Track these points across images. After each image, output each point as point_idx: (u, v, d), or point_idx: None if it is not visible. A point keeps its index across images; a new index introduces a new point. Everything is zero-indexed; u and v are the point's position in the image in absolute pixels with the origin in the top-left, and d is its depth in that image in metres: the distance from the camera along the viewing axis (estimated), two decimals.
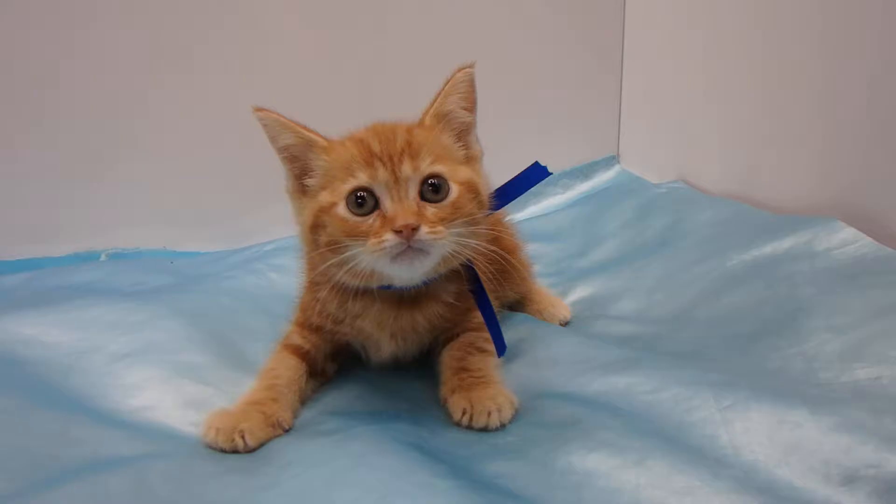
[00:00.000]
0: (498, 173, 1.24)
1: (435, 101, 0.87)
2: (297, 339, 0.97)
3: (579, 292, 1.27)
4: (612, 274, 1.29)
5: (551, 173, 0.98)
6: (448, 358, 0.92)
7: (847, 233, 1.11)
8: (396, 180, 0.79)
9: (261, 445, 0.82)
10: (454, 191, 0.82)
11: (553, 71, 1.85)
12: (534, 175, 0.98)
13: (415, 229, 0.76)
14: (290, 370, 0.93)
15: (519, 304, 1.17)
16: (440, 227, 0.78)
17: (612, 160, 1.91)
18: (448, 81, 0.87)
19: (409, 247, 0.77)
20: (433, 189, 0.81)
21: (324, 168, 0.84)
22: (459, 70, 0.87)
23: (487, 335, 0.94)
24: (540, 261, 1.42)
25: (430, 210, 0.80)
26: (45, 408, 0.88)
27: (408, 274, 0.82)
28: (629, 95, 1.87)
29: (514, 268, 1.08)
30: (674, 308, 1.14)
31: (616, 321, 1.14)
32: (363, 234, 0.78)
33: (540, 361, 0.97)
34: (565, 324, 1.14)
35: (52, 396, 0.93)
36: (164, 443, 0.84)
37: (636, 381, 0.87)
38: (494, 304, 1.05)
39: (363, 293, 0.89)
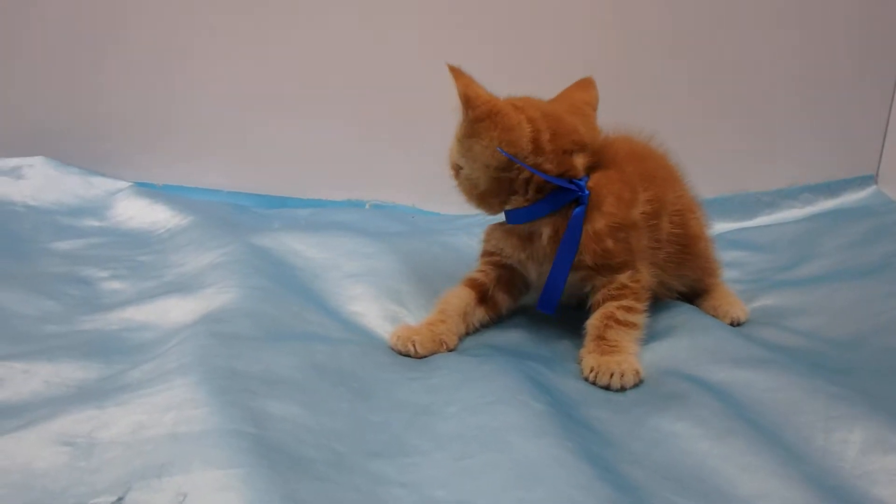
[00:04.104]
0: (745, 180, 1.14)
1: None
2: (473, 274, 1.06)
3: (763, 301, 1.23)
4: (804, 290, 1.24)
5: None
6: (591, 327, 0.96)
7: None
8: None
9: (429, 355, 0.96)
10: None
11: (814, 73, 1.69)
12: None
13: None
14: (458, 298, 1.03)
15: (697, 298, 1.17)
16: None
17: (868, 180, 1.72)
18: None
19: None
20: None
21: None
22: None
23: (631, 305, 0.96)
24: (742, 269, 1.40)
25: None
26: (294, 296, 1.09)
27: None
28: None
29: (695, 255, 1.11)
30: (852, 332, 1.08)
31: (785, 332, 1.10)
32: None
33: (681, 346, 1.00)
34: (737, 325, 1.11)
35: (300, 290, 1.13)
36: (363, 337, 1.02)
37: (760, 378, 0.88)
38: (672, 282, 1.10)
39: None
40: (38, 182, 1.61)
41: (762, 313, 1.18)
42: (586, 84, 1.07)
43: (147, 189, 1.68)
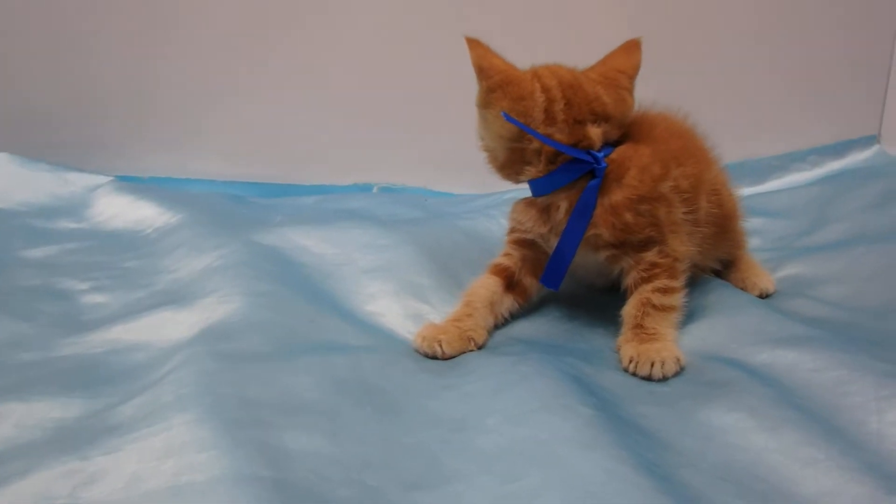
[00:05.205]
0: (748, 145, 1.22)
1: None
2: (498, 260, 1.05)
3: (788, 270, 1.23)
4: (829, 257, 1.23)
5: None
6: (627, 315, 0.95)
7: None
8: None
9: (457, 354, 0.94)
10: None
11: (815, 38, 1.74)
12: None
13: None
14: (484, 288, 1.02)
15: (724, 271, 1.17)
16: None
17: (871, 140, 1.77)
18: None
19: None
20: None
21: None
22: None
23: (666, 285, 0.95)
24: (762, 236, 1.40)
25: None
26: (305, 299, 1.04)
27: None
28: None
29: (730, 232, 1.12)
30: (883, 300, 1.08)
31: (816, 303, 1.10)
32: None
33: (718, 326, 0.98)
34: (766, 296, 1.12)
35: (311, 292, 1.08)
36: (384, 342, 0.98)
37: (803, 358, 0.87)
38: (707, 262, 1.10)
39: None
40: (3, 181, 1.51)
41: (789, 283, 1.19)
42: (630, 48, 1.03)
43: (131, 183, 1.60)
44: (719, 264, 1.16)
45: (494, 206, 1.51)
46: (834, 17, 1.72)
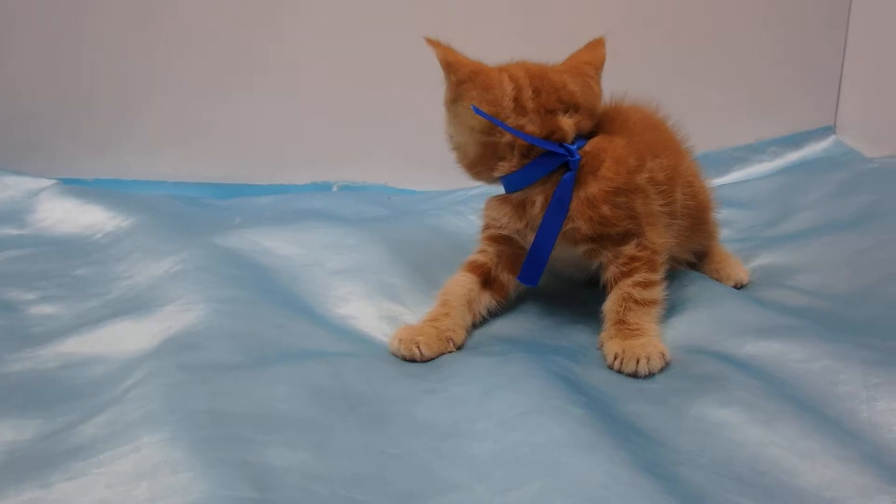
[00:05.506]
0: (707, 138, 1.26)
1: None
2: (473, 257, 1.04)
3: (760, 260, 1.24)
4: (798, 246, 1.25)
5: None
6: (609, 311, 0.95)
7: None
8: None
9: (436, 356, 0.92)
10: None
11: (770, 31, 1.76)
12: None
13: None
14: (461, 286, 1.00)
15: (697, 263, 1.17)
16: None
17: (827, 131, 1.80)
18: None
19: None
20: None
21: None
22: None
23: (646, 279, 0.95)
24: (729, 226, 1.41)
25: None
26: (273, 305, 1.00)
27: None
28: (853, 62, 1.75)
29: (704, 223, 1.13)
30: (856, 286, 1.10)
31: (791, 292, 1.11)
32: None
33: (700, 319, 0.98)
34: (741, 287, 1.13)
35: (280, 296, 1.05)
36: (360, 346, 0.95)
37: (789, 348, 0.87)
38: (682, 254, 1.11)
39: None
40: None
41: (762, 273, 1.20)
42: (594, 44, 1.06)
43: (75, 186, 1.53)
44: (694, 256, 1.16)
45: (461, 202, 1.50)
46: (787, 10, 1.75)
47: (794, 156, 1.77)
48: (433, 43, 0.96)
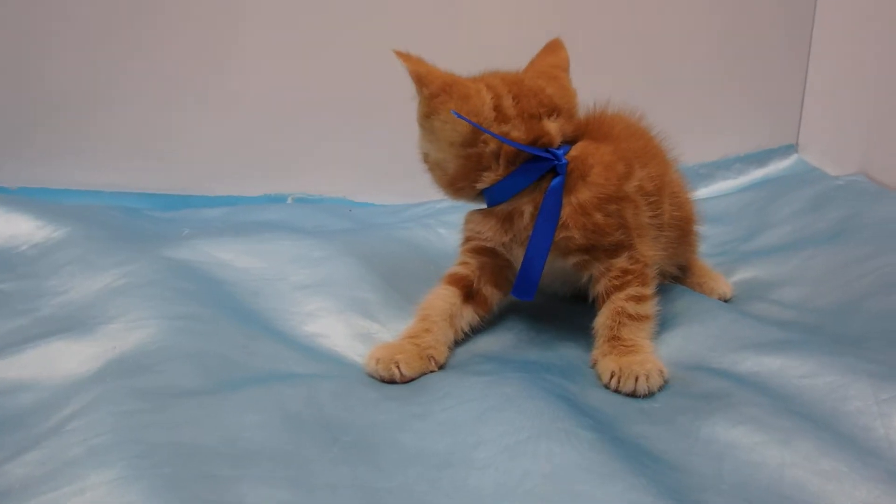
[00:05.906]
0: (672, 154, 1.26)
1: None
2: (453, 269, 1.00)
3: (741, 274, 1.23)
4: (778, 260, 1.25)
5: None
6: (602, 327, 0.92)
7: None
8: None
9: (418, 376, 0.87)
10: None
11: (733, 49, 1.77)
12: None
13: None
14: (442, 300, 0.96)
15: (679, 277, 1.16)
16: None
17: (790, 149, 1.82)
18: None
19: None
20: None
21: None
22: None
23: (639, 293, 0.92)
24: (705, 241, 1.38)
25: None
26: (234, 322, 0.95)
27: None
28: (815, 81, 1.77)
29: (689, 235, 1.12)
30: (840, 300, 1.09)
31: (776, 306, 1.10)
32: None
33: (694, 335, 0.96)
34: (725, 301, 1.12)
35: (240, 313, 0.99)
36: (332, 367, 0.89)
37: (790, 363, 0.85)
38: (669, 268, 1.09)
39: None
40: None
41: (744, 287, 1.19)
42: (554, 47, 1.06)
43: None
44: (678, 270, 1.14)
45: (429, 215, 1.47)
46: (750, 28, 1.77)
47: (758, 173, 1.79)
48: (403, 56, 0.92)
